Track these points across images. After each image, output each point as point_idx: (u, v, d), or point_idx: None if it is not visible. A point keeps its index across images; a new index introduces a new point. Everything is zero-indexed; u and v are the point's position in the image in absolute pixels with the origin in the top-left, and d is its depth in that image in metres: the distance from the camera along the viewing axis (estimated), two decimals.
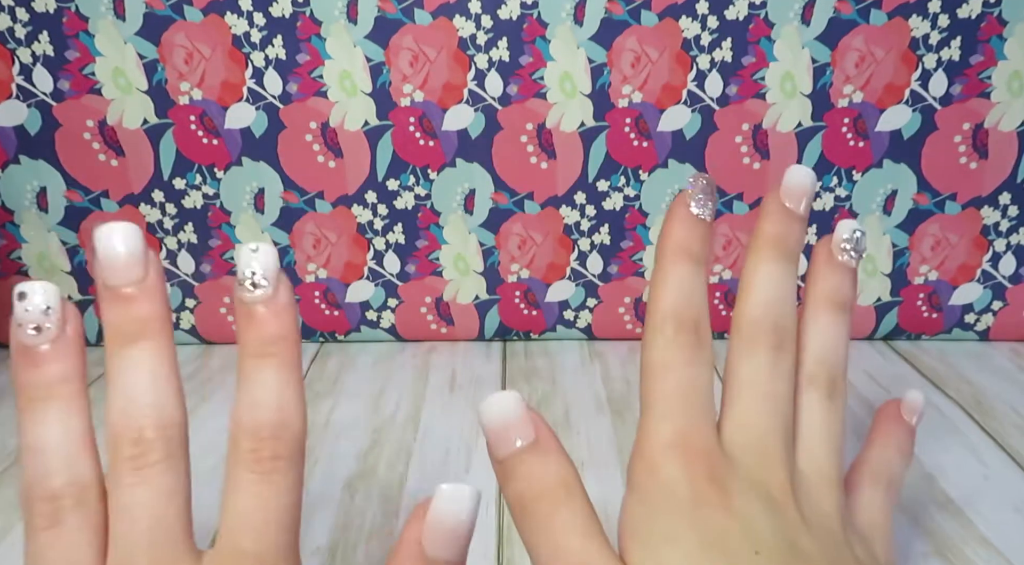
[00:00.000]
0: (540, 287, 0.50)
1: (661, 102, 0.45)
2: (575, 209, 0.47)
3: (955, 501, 0.33)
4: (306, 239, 0.48)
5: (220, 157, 0.46)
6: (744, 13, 0.43)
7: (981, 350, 0.49)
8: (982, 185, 0.46)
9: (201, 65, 0.43)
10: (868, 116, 0.45)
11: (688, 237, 0.22)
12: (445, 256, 0.49)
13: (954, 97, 0.44)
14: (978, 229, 0.47)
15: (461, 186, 0.47)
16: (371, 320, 0.50)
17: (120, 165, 0.46)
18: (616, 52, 0.44)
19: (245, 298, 0.19)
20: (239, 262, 0.19)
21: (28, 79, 0.43)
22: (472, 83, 0.44)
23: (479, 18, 0.43)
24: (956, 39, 0.43)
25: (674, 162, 0.46)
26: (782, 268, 0.23)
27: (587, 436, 0.39)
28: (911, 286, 0.49)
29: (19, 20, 0.42)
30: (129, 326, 0.19)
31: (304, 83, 0.44)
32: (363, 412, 0.42)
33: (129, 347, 0.19)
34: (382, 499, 0.34)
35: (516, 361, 0.48)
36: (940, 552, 0.30)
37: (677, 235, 0.22)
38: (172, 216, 0.47)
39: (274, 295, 0.19)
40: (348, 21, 0.43)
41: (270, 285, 0.19)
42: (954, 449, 0.38)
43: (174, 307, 0.49)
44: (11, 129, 0.44)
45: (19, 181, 0.46)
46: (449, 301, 0.50)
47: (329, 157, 0.46)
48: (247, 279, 0.19)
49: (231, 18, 0.43)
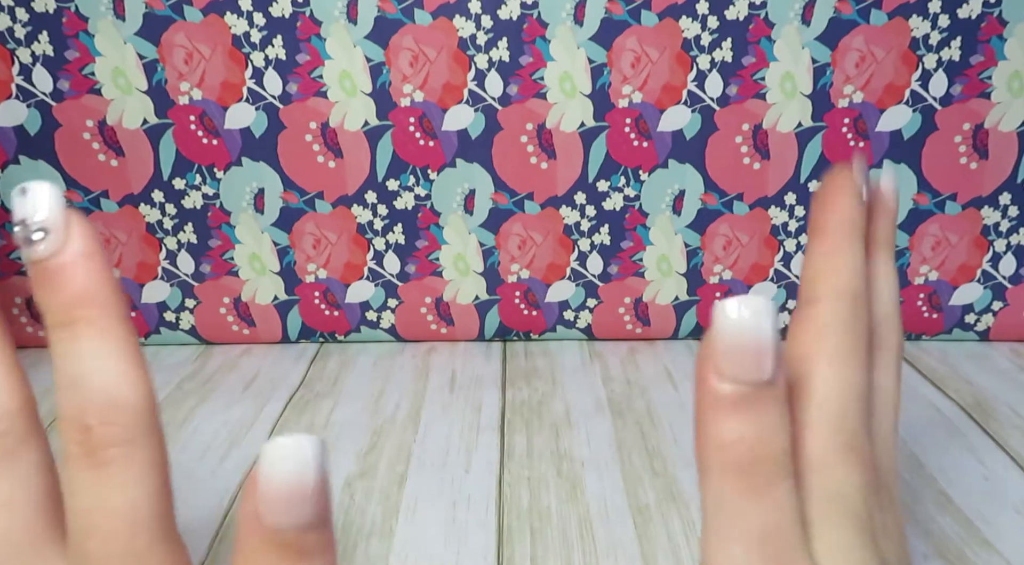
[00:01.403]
0: (540, 287, 0.50)
1: (661, 102, 0.45)
2: (575, 209, 0.47)
3: (955, 502, 0.33)
4: (306, 239, 0.48)
5: (220, 157, 0.46)
6: (744, 13, 0.43)
7: (981, 351, 0.49)
8: (982, 185, 0.46)
9: (201, 65, 0.43)
10: (868, 116, 0.45)
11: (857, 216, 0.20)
12: (445, 256, 0.48)
13: (954, 97, 0.44)
14: (978, 229, 0.47)
15: (461, 186, 0.47)
16: (371, 320, 0.50)
17: (120, 165, 0.46)
18: (616, 52, 0.44)
19: (32, 255, 0.16)
20: (13, 213, 0.16)
21: (28, 79, 0.43)
22: (472, 83, 0.44)
23: (479, 18, 0.43)
24: (956, 39, 0.43)
25: (674, 162, 0.46)
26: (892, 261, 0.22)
27: (587, 436, 0.39)
28: (911, 286, 0.49)
29: (19, 20, 0.42)
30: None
31: (304, 83, 0.44)
32: (363, 412, 0.42)
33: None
34: (382, 499, 0.34)
35: (516, 361, 0.48)
36: (940, 554, 0.30)
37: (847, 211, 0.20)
38: (172, 216, 0.47)
39: (65, 243, 0.16)
40: (348, 21, 0.43)
41: (56, 232, 0.15)
42: (954, 450, 0.38)
43: (173, 308, 0.49)
44: (11, 129, 0.44)
45: (19, 181, 0.46)
46: (449, 301, 0.50)
47: (329, 157, 0.46)
48: (28, 232, 0.15)
49: (231, 18, 0.43)
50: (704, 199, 0.47)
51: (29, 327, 0.50)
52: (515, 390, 0.44)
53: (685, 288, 0.50)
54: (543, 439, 0.39)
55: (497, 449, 0.38)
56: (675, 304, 0.50)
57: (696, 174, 0.46)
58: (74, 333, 0.16)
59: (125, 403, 0.16)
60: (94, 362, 0.15)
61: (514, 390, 0.44)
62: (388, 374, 0.47)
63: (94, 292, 0.16)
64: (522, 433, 0.39)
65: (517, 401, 0.43)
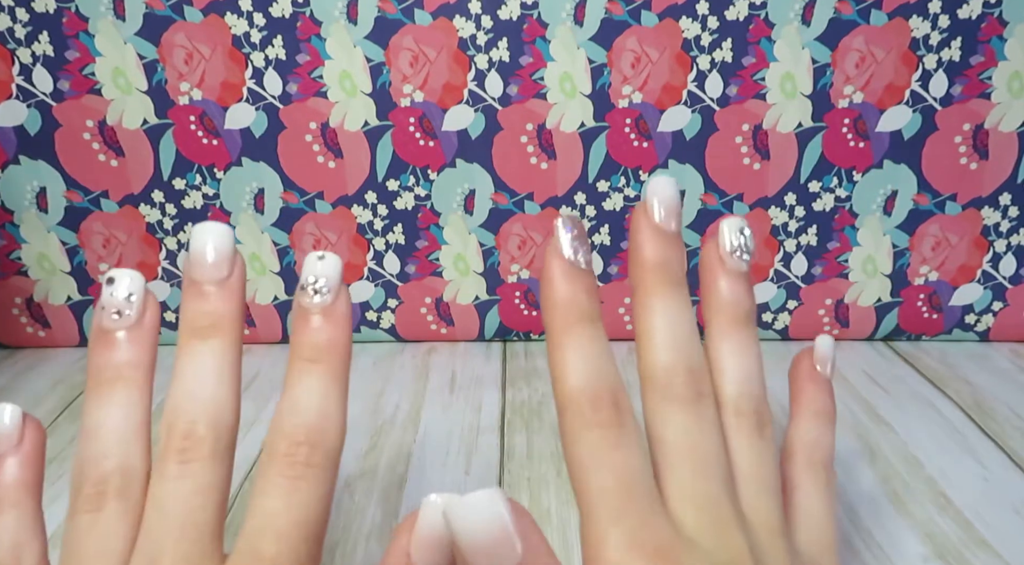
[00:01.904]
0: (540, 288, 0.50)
1: (661, 102, 0.45)
2: (575, 210, 0.47)
3: (954, 503, 0.33)
4: (306, 239, 0.48)
5: (220, 157, 0.46)
6: (744, 13, 0.43)
7: (981, 351, 0.49)
8: (982, 186, 0.46)
9: (201, 65, 0.43)
10: (868, 117, 0.45)
11: (575, 294, 0.20)
12: (445, 256, 0.48)
13: (954, 98, 0.44)
14: (978, 230, 0.47)
15: (461, 186, 0.47)
16: (371, 320, 0.50)
17: (120, 165, 0.46)
18: (616, 52, 0.44)
19: (304, 303, 0.20)
20: (304, 269, 0.20)
21: (28, 79, 0.43)
22: (472, 83, 0.44)
23: (479, 18, 0.43)
24: (956, 39, 0.43)
25: (674, 163, 0.46)
26: (677, 300, 0.21)
27: None
28: (911, 287, 0.49)
29: (19, 20, 0.42)
30: (202, 320, 0.19)
31: (304, 83, 0.44)
32: (363, 412, 0.42)
33: (199, 341, 0.19)
34: (382, 499, 0.34)
35: (516, 361, 0.48)
36: (940, 555, 0.30)
37: (562, 294, 0.20)
38: (172, 216, 0.47)
39: (333, 304, 0.20)
40: (348, 21, 0.43)
41: (330, 294, 0.20)
42: (954, 451, 0.38)
43: (173, 308, 0.49)
44: (11, 129, 0.44)
45: (19, 181, 0.46)
46: (449, 301, 0.50)
47: (329, 157, 0.46)
48: (309, 285, 0.20)
49: (231, 18, 0.43)
50: (704, 199, 0.47)
51: (29, 327, 0.50)
52: (515, 390, 0.44)
53: None
54: (543, 440, 0.39)
55: (497, 449, 0.38)
56: None
57: (696, 174, 0.46)
58: (312, 369, 0.20)
59: (330, 435, 0.19)
60: (319, 395, 0.19)
61: (514, 390, 0.44)
62: (388, 374, 0.47)
63: (337, 345, 0.20)
64: (522, 433, 0.39)
65: (517, 401, 0.43)
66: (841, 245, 0.48)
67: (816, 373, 0.25)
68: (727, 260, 0.22)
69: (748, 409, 0.21)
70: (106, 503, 0.18)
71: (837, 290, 0.49)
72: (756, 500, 0.20)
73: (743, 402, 0.21)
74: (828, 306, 0.50)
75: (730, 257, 0.22)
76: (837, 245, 0.48)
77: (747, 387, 0.22)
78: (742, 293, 0.22)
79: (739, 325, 0.22)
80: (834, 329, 0.51)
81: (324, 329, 0.20)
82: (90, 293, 0.49)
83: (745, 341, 0.22)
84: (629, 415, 0.19)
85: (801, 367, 0.25)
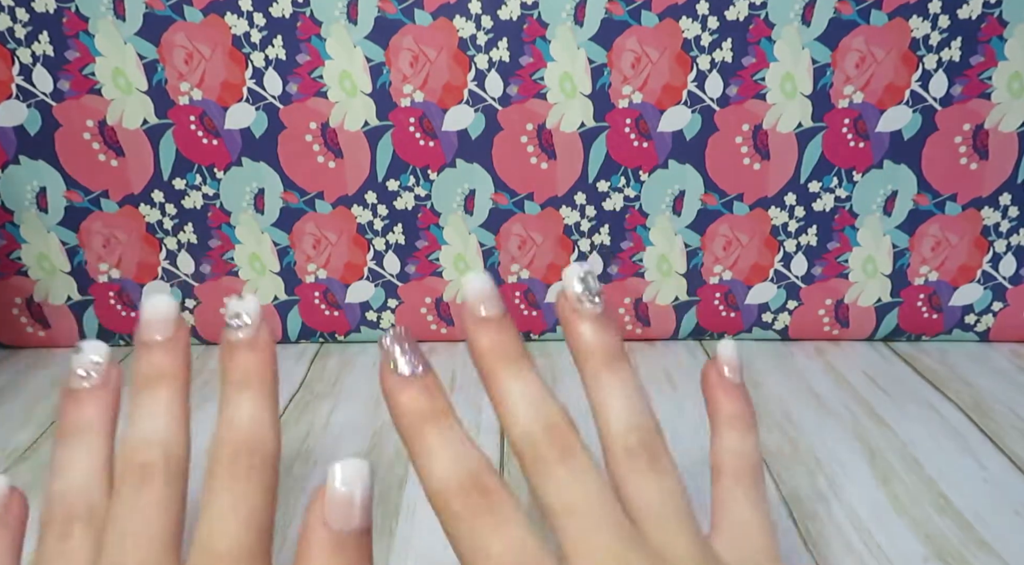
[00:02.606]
0: (540, 287, 0.50)
1: (661, 102, 0.45)
2: (575, 210, 0.47)
3: (954, 504, 0.33)
4: (306, 239, 0.48)
5: (220, 157, 0.46)
6: (744, 14, 0.43)
7: (981, 351, 0.49)
8: (982, 186, 0.46)
9: (201, 65, 0.43)
10: (868, 117, 0.45)
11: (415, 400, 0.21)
12: (445, 256, 0.48)
13: (954, 98, 0.44)
14: (978, 230, 0.47)
15: (461, 186, 0.47)
16: (371, 320, 0.50)
17: (120, 165, 0.46)
18: (616, 52, 0.44)
19: (231, 338, 0.22)
20: (228, 310, 0.22)
21: (28, 79, 0.43)
22: (472, 83, 0.44)
23: (479, 18, 0.43)
24: (956, 40, 0.43)
25: (674, 163, 0.46)
26: (521, 370, 0.22)
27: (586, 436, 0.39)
28: (911, 287, 0.49)
29: (19, 20, 0.42)
30: (151, 371, 0.22)
31: (304, 83, 0.44)
32: (363, 413, 0.42)
33: (149, 390, 0.21)
34: (382, 499, 0.34)
35: None
36: (940, 556, 0.30)
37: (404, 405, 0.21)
38: (172, 216, 0.47)
39: (255, 336, 0.22)
40: (348, 21, 0.43)
41: (252, 327, 0.22)
42: (953, 452, 0.38)
43: None
44: (11, 129, 0.44)
45: (19, 181, 0.46)
46: (449, 301, 0.50)
47: (329, 157, 0.46)
48: (233, 322, 0.22)
49: (231, 18, 0.43)
50: (704, 199, 0.47)
51: (29, 327, 0.50)
52: None
53: (685, 288, 0.50)
54: None
55: (497, 450, 0.38)
56: (675, 304, 0.50)
57: (696, 174, 0.46)
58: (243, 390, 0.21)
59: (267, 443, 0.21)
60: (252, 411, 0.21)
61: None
62: None
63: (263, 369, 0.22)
64: None
65: None
66: (841, 245, 0.48)
67: (724, 380, 0.25)
68: (579, 308, 0.23)
69: (637, 444, 0.21)
70: (72, 533, 0.20)
71: (837, 290, 0.49)
72: (666, 534, 0.20)
73: (631, 438, 0.21)
74: (828, 306, 0.50)
75: (580, 305, 0.23)
76: (837, 245, 0.48)
77: (633, 421, 0.22)
78: (604, 333, 0.23)
79: (611, 363, 0.22)
80: (834, 329, 0.51)
81: (250, 357, 0.22)
82: (90, 292, 0.49)
83: (621, 377, 0.22)
84: (497, 492, 0.20)
85: (708, 378, 0.25)
